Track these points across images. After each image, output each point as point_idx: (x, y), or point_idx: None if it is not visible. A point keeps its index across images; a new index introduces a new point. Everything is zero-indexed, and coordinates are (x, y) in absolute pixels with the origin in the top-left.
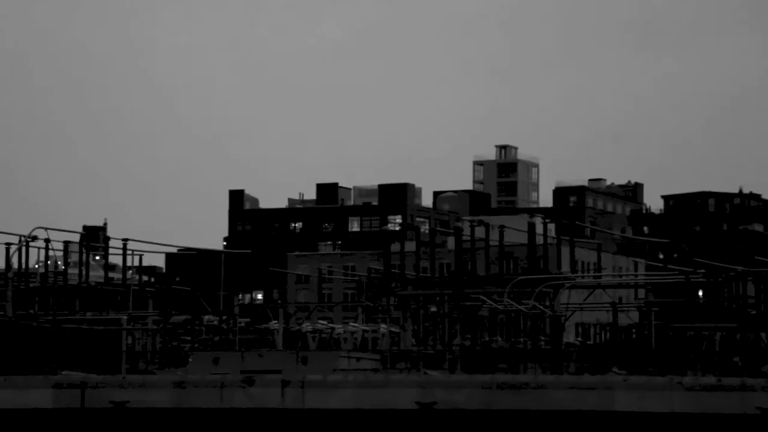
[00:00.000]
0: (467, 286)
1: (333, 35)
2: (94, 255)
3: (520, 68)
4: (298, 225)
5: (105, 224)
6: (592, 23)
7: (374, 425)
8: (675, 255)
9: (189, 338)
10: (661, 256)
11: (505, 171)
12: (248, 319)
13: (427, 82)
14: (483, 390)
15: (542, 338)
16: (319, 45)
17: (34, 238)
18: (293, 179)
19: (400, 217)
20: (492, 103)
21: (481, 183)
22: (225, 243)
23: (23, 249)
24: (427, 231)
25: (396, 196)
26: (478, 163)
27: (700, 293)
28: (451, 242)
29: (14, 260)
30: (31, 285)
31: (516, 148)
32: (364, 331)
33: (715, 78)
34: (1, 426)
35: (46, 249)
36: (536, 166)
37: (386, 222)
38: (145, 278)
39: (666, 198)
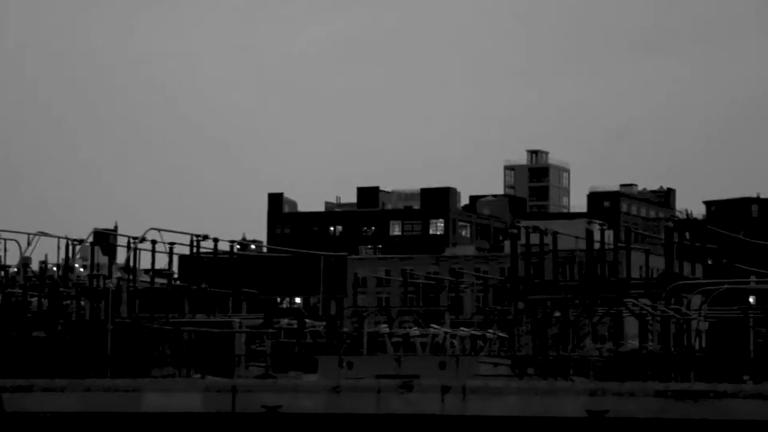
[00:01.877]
0: (608, 290)
1: (366, 37)
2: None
3: (542, 71)
4: (338, 228)
5: (116, 227)
6: (614, 26)
7: None
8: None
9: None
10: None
11: (537, 176)
12: (324, 323)
13: (451, 85)
14: (657, 398)
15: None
16: (352, 47)
17: (143, 240)
18: (327, 183)
19: (442, 221)
20: (517, 106)
21: (512, 188)
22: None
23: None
24: (468, 235)
25: (438, 199)
26: (509, 168)
27: None
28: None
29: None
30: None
31: (547, 153)
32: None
33: (748, 80)
34: (152, 429)
35: (153, 250)
36: (567, 171)
37: (428, 226)
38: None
39: (708, 203)
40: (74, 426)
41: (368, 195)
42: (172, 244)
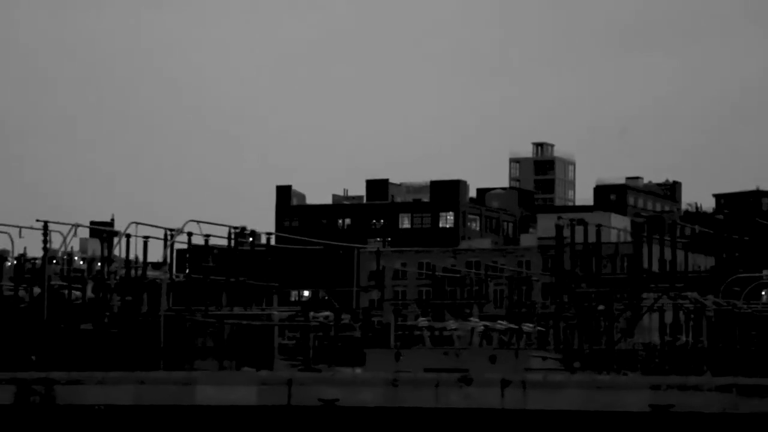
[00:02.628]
0: (657, 283)
1: (371, 28)
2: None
3: (547, 63)
4: (347, 221)
5: (112, 219)
6: (624, 18)
7: (603, 428)
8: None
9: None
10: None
11: (542, 169)
12: (348, 315)
13: (454, 77)
14: (723, 393)
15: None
16: (358, 39)
17: (181, 232)
18: (335, 176)
19: (452, 213)
20: (522, 99)
21: (517, 180)
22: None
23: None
24: (477, 228)
25: (448, 192)
26: (514, 161)
27: None
28: (526, 239)
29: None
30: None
31: (552, 146)
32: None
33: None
34: (206, 422)
35: (189, 242)
36: (573, 163)
37: (438, 219)
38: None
39: (717, 197)
40: (128, 419)
41: (377, 187)
42: (207, 236)
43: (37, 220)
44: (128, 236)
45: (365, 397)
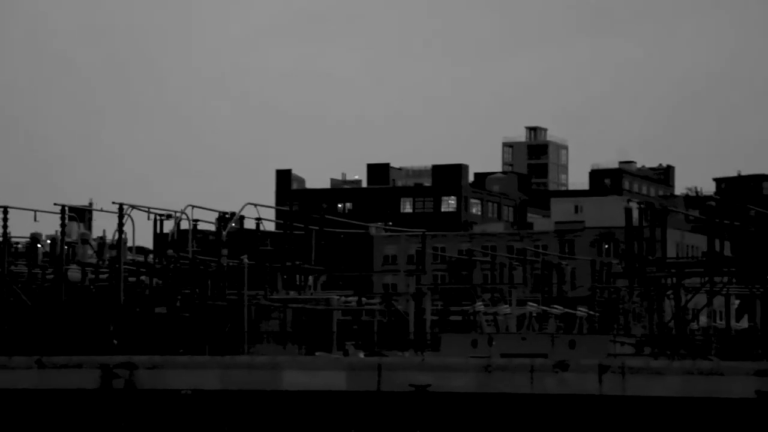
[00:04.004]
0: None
1: (364, 12)
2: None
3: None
4: (348, 205)
5: (90, 203)
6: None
7: (705, 415)
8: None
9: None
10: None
11: (536, 153)
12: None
13: (446, 59)
14: None
15: None
16: (350, 26)
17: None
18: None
19: (454, 198)
20: (514, 82)
21: (510, 165)
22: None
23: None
24: (479, 212)
25: (450, 176)
26: (507, 145)
27: None
28: (540, 223)
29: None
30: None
31: (546, 130)
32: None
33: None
34: (294, 407)
35: (258, 226)
36: (565, 148)
37: (440, 203)
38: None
39: (718, 180)
40: (213, 403)
41: (378, 172)
42: (258, 219)
43: (113, 203)
44: (188, 219)
45: (458, 382)
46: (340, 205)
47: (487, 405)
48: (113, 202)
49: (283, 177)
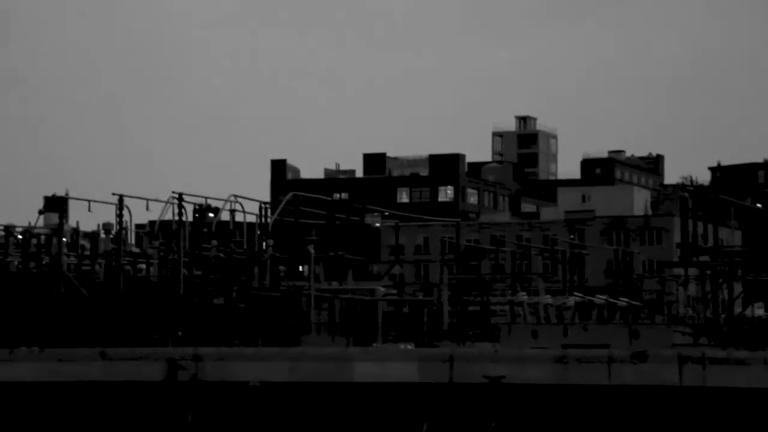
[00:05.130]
0: None
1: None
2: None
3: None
4: (343, 195)
5: (66, 194)
6: None
7: None
8: None
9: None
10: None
11: (526, 142)
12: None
13: (430, 46)
14: None
15: None
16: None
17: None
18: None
19: (451, 187)
20: (503, 70)
21: (500, 154)
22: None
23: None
24: (475, 202)
25: (447, 166)
26: (497, 134)
27: None
28: (548, 212)
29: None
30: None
31: (535, 119)
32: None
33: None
34: (364, 400)
35: (297, 215)
36: (555, 137)
37: (437, 193)
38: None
39: (713, 170)
40: (281, 396)
41: (375, 161)
42: (297, 209)
43: (173, 192)
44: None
45: (533, 374)
46: (336, 195)
47: (563, 396)
48: (173, 192)
49: (278, 167)
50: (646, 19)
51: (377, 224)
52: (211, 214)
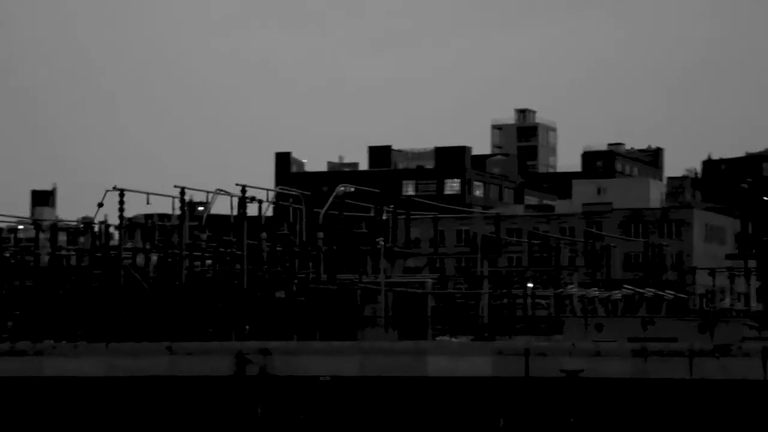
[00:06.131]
0: None
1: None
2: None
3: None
4: (349, 189)
5: (54, 188)
6: None
7: None
8: None
9: None
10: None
11: (525, 135)
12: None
13: (430, 40)
14: None
15: None
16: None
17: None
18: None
19: (458, 180)
20: (502, 63)
21: (500, 147)
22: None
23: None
24: (481, 194)
25: (453, 159)
26: (496, 127)
27: None
28: (562, 205)
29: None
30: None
31: (535, 112)
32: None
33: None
34: (438, 394)
35: (341, 210)
36: (554, 129)
37: (443, 186)
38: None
39: (718, 162)
40: (352, 390)
41: (380, 154)
42: (338, 201)
43: (237, 183)
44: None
45: (612, 368)
46: (341, 189)
47: (642, 391)
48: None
49: (283, 160)
50: (645, 12)
51: (384, 217)
52: (200, 208)
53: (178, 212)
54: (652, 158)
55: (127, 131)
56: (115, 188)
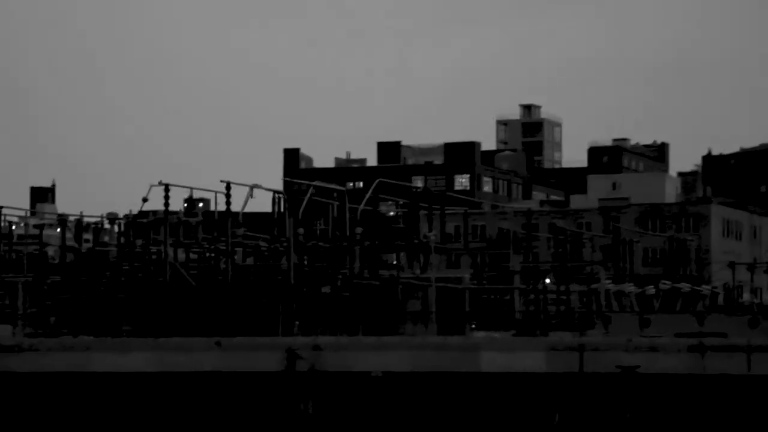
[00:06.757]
0: None
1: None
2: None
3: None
4: (358, 184)
5: (53, 185)
6: None
7: None
8: None
9: None
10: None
11: (530, 131)
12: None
13: (431, 35)
14: None
15: None
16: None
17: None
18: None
19: (467, 176)
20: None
21: (505, 143)
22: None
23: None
24: (490, 190)
25: (463, 154)
26: (501, 123)
27: None
28: (578, 200)
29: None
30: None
31: (540, 107)
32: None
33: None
34: (491, 390)
35: (376, 205)
36: (559, 125)
37: (453, 181)
38: None
39: (727, 156)
40: (403, 386)
41: (389, 150)
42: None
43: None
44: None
45: (669, 364)
46: (350, 185)
47: (700, 387)
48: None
49: (291, 156)
50: (645, 12)
51: (391, 213)
52: (201, 204)
53: (223, 207)
54: (658, 153)
55: (129, 131)
56: (160, 183)
